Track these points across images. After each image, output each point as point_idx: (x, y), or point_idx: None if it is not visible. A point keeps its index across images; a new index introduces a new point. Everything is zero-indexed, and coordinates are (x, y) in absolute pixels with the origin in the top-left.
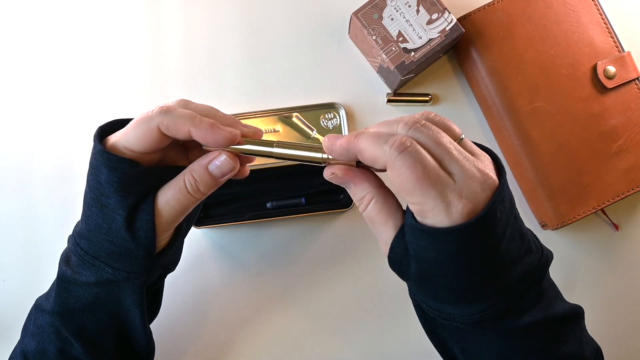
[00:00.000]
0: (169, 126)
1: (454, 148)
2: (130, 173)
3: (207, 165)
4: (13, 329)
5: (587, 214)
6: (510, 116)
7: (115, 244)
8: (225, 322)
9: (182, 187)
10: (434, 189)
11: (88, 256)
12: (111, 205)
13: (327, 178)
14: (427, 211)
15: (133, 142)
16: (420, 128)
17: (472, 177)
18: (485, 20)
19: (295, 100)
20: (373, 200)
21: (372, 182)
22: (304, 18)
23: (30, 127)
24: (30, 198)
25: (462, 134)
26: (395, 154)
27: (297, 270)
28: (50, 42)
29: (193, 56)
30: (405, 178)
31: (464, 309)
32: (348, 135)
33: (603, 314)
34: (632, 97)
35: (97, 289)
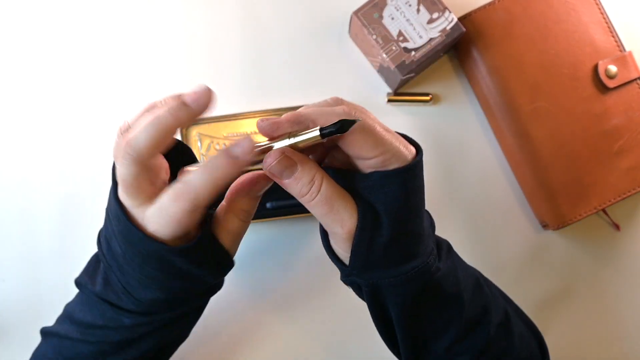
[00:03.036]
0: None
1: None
2: (188, 259)
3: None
4: (13, 329)
5: (588, 214)
6: (511, 116)
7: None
8: (225, 321)
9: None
10: (394, 138)
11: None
12: (199, 275)
13: (271, 167)
14: (389, 158)
15: (160, 231)
16: (346, 101)
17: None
18: (486, 19)
19: (295, 100)
20: (325, 178)
21: (314, 162)
22: (304, 17)
23: (31, 126)
24: (29, 198)
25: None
26: (352, 113)
27: (297, 270)
28: (50, 42)
29: (193, 56)
30: (369, 131)
31: (408, 264)
32: (286, 115)
33: (604, 314)
34: (634, 96)
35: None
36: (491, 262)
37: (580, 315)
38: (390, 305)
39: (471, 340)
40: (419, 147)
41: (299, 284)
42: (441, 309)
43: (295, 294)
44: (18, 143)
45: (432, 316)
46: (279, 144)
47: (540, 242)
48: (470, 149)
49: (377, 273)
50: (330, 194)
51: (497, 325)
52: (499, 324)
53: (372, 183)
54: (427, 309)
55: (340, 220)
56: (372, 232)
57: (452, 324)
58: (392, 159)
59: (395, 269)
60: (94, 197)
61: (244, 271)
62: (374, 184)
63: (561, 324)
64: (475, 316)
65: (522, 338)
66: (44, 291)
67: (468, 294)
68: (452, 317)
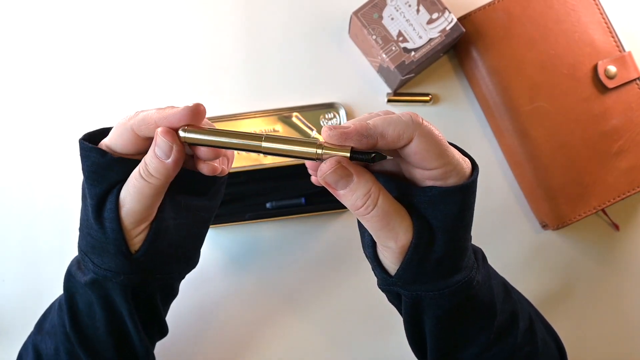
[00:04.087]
0: (138, 125)
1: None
2: (99, 162)
3: (154, 148)
4: (12, 329)
5: (588, 214)
6: (511, 116)
7: (92, 235)
8: (224, 321)
9: (137, 174)
10: (454, 150)
11: (81, 253)
12: (86, 195)
13: (326, 175)
14: (450, 171)
15: (113, 141)
16: (419, 117)
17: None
18: (486, 19)
19: (295, 100)
20: (382, 192)
21: (371, 174)
22: (304, 18)
23: (31, 127)
24: (29, 198)
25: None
26: (419, 123)
27: (297, 270)
28: (50, 43)
29: (193, 56)
30: (434, 142)
31: (454, 277)
32: (356, 123)
33: (603, 314)
34: (633, 97)
35: (89, 290)
36: (491, 262)
37: (579, 315)
38: (427, 316)
39: (500, 347)
40: (473, 161)
41: (299, 284)
42: (475, 318)
43: (295, 294)
44: (18, 143)
45: (466, 325)
46: (301, 149)
47: (539, 242)
48: (470, 149)
49: (423, 286)
50: (387, 209)
51: (524, 331)
52: (526, 330)
53: (430, 199)
54: (463, 318)
55: (394, 236)
56: (425, 248)
57: (484, 332)
58: (452, 172)
59: (442, 282)
60: None
61: (244, 271)
62: (432, 199)
63: (561, 324)
64: (504, 323)
65: (545, 343)
66: (44, 291)
67: (499, 301)
68: (485, 325)
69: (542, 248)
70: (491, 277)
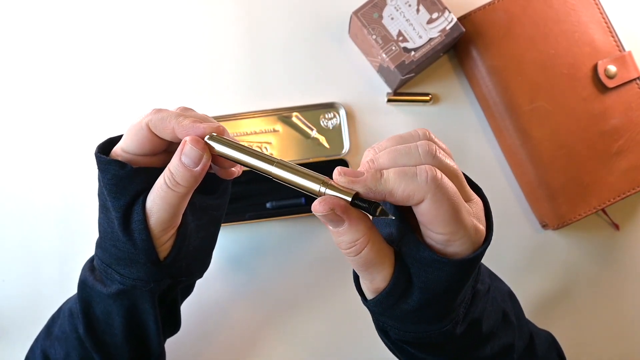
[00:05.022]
0: (156, 124)
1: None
2: (120, 174)
3: (180, 156)
4: (12, 329)
5: (588, 214)
6: (511, 116)
7: (118, 248)
8: (224, 321)
9: (162, 183)
10: (468, 219)
11: (103, 265)
12: (110, 207)
13: (319, 213)
14: (455, 240)
15: (127, 143)
16: (439, 156)
17: (480, 206)
18: (486, 19)
19: (295, 100)
20: (370, 243)
21: (367, 222)
22: (304, 17)
23: (31, 127)
24: (29, 198)
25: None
26: (434, 186)
27: (297, 269)
28: (50, 44)
29: (193, 56)
30: (444, 210)
31: (437, 325)
32: (369, 173)
33: (603, 314)
34: (633, 96)
35: (113, 300)
36: (491, 261)
37: (579, 315)
38: (393, 340)
39: None
40: (489, 229)
41: (299, 284)
42: (464, 353)
43: (295, 293)
44: (18, 143)
45: (444, 355)
46: (306, 183)
47: (539, 242)
48: (470, 148)
49: (390, 321)
50: (369, 259)
51: (522, 349)
52: (525, 348)
53: (420, 260)
54: (446, 352)
55: (370, 280)
56: (398, 299)
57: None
58: (456, 242)
59: (410, 325)
60: (95, 197)
61: (244, 271)
62: (421, 260)
63: (561, 324)
64: (499, 352)
65: (544, 354)
66: (44, 291)
67: (494, 335)
68: (477, 352)
69: (542, 248)
70: (487, 307)
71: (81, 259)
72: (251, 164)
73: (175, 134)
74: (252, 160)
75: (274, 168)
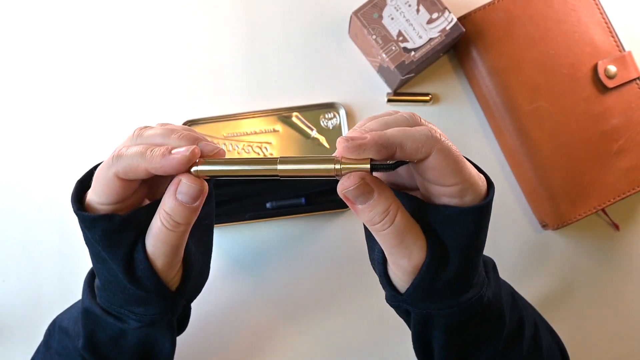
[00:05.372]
0: (125, 172)
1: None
2: (109, 227)
3: (175, 194)
4: (12, 329)
5: (588, 214)
6: (511, 116)
7: (127, 293)
8: (224, 321)
9: (160, 227)
10: (470, 166)
11: (113, 307)
12: (107, 260)
13: (347, 191)
14: (467, 188)
15: (102, 197)
16: (424, 122)
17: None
18: (486, 19)
19: (295, 100)
20: (400, 209)
21: (391, 190)
22: (304, 17)
23: (31, 127)
24: (30, 198)
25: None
26: (438, 138)
27: (297, 270)
28: (50, 44)
29: (193, 56)
30: (452, 159)
31: (473, 291)
32: (372, 133)
33: (603, 314)
34: (633, 96)
35: (130, 332)
36: None
37: (579, 315)
38: (437, 331)
39: (508, 356)
40: (489, 179)
41: (299, 284)
42: (485, 330)
43: (295, 294)
44: (19, 143)
45: (476, 337)
46: (318, 166)
47: (539, 242)
48: (470, 149)
49: (432, 304)
50: (402, 227)
51: (529, 339)
52: (531, 337)
53: (446, 218)
54: (472, 332)
55: (408, 254)
56: (438, 268)
57: (493, 343)
58: (469, 189)
59: (452, 300)
60: None
61: (244, 271)
62: (448, 218)
63: (561, 324)
64: (511, 331)
65: (549, 350)
66: (44, 291)
67: (508, 312)
68: (494, 336)
69: (542, 248)
70: (501, 286)
71: (81, 259)
72: (252, 171)
73: (151, 172)
74: (251, 168)
75: (278, 165)
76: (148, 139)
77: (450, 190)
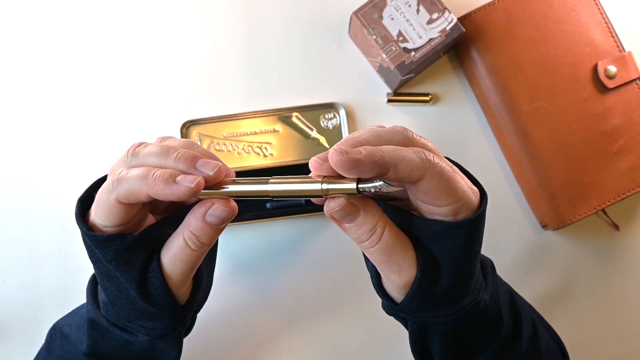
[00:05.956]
0: (127, 197)
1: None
2: (122, 247)
3: (204, 216)
4: (12, 329)
5: (588, 214)
6: (511, 116)
7: (137, 309)
8: (223, 321)
9: (183, 246)
10: (463, 183)
11: (121, 321)
12: (119, 278)
13: (333, 212)
14: (460, 207)
15: (105, 220)
16: (416, 138)
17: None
18: (486, 19)
19: (295, 100)
20: (387, 225)
21: (377, 206)
22: (304, 17)
23: (31, 127)
24: (30, 198)
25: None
26: (432, 161)
27: (297, 270)
28: (50, 44)
29: (193, 56)
30: (444, 181)
31: (460, 303)
32: (367, 148)
33: (603, 314)
34: (633, 97)
35: (139, 344)
36: None
37: (579, 315)
38: (434, 338)
39: (507, 355)
40: (482, 189)
41: (298, 284)
42: (484, 332)
43: (295, 293)
44: (19, 144)
45: (475, 339)
46: (306, 187)
47: (539, 242)
48: (470, 149)
49: (428, 313)
50: (391, 244)
51: (528, 338)
52: (530, 337)
53: (435, 233)
54: (471, 334)
55: (398, 270)
56: (430, 283)
57: (491, 343)
58: (462, 207)
59: (447, 309)
60: None
61: (244, 271)
62: (437, 234)
63: (561, 324)
64: (509, 331)
65: (548, 348)
66: (44, 291)
67: (506, 312)
68: (492, 336)
69: (542, 248)
70: (499, 287)
71: (81, 259)
72: (245, 192)
73: (153, 198)
74: (244, 188)
75: (269, 186)
76: (144, 159)
77: (443, 210)
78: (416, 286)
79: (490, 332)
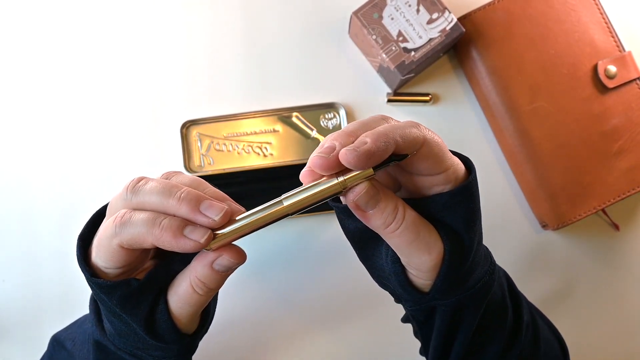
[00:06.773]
0: (130, 243)
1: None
2: (127, 292)
3: (212, 264)
4: (12, 329)
5: (588, 214)
6: (511, 116)
7: (147, 344)
8: (224, 321)
9: (191, 293)
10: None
11: (130, 348)
12: (126, 318)
13: (358, 198)
14: (453, 172)
15: (107, 264)
16: (393, 119)
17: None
18: (486, 19)
19: (295, 100)
20: (406, 204)
21: (390, 190)
22: (304, 17)
23: (32, 127)
24: (30, 198)
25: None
26: (423, 127)
27: (297, 270)
28: (49, 44)
29: (193, 56)
30: (439, 144)
31: (481, 269)
32: (368, 134)
33: (603, 314)
34: (633, 97)
35: None
36: None
37: (579, 315)
38: (466, 320)
39: (515, 343)
40: (462, 156)
41: (299, 284)
42: (495, 314)
43: (295, 293)
44: (19, 144)
45: (490, 323)
46: (323, 187)
47: (539, 242)
48: (470, 149)
49: (459, 289)
50: (415, 220)
51: (526, 325)
52: (527, 325)
53: (445, 204)
54: (486, 318)
55: (427, 248)
56: (458, 253)
57: (499, 331)
58: (454, 173)
59: (472, 280)
60: (95, 197)
61: (243, 271)
62: (447, 204)
63: (561, 324)
64: (513, 317)
65: (547, 341)
66: (44, 291)
67: (507, 296)
68: (501, 322)
69: (542, 248)
70: (498, 271)
71: None
72: (262, 220)
73: (159, 247)
74: (259, 217)
75: (284, 202)
76: (146, 197)
77: (441, 177)
78: (448, 258)
79: (500, 316)
